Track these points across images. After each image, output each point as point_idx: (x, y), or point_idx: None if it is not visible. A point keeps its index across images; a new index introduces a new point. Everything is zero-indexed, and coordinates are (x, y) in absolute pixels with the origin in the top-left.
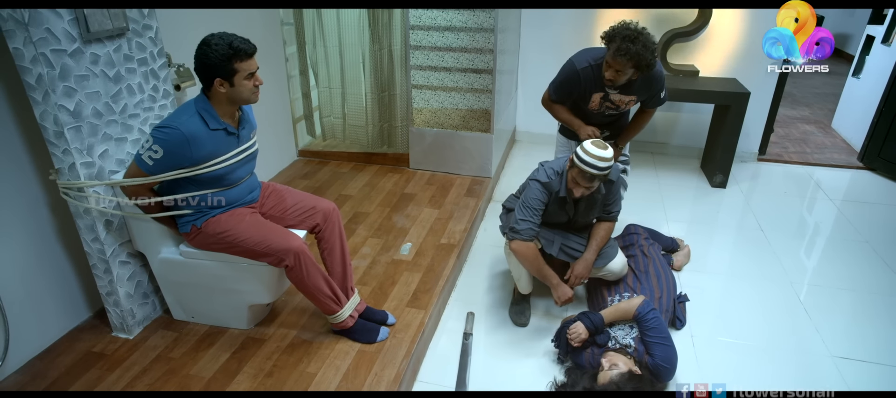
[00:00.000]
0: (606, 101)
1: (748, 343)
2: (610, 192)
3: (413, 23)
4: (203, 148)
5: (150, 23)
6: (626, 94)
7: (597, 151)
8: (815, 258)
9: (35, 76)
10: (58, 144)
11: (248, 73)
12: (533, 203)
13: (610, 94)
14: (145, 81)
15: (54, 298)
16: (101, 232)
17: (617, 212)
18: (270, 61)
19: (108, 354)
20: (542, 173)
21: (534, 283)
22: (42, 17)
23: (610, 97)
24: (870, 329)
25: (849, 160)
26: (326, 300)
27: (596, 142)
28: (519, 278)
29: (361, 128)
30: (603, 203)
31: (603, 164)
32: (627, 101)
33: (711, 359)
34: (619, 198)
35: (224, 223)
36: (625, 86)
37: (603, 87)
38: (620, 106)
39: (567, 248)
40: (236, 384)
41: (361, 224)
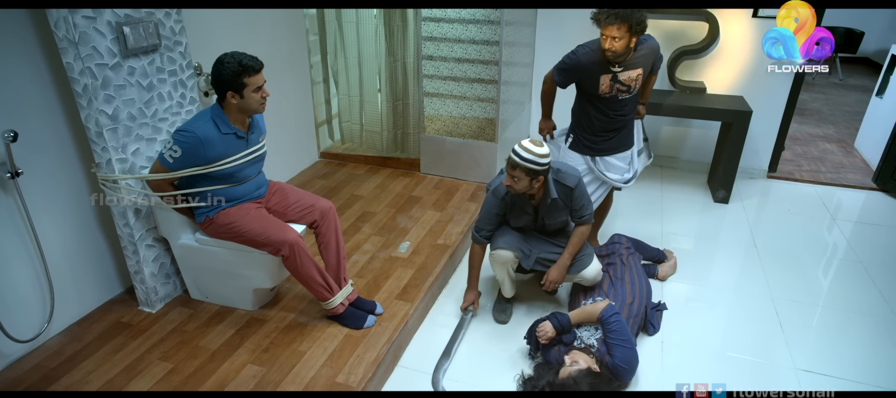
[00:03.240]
0: (616, 83)
1: (715, 351)
2: (573, 197)
3: (425, 34)
4: (215, 149)
5: (181, 39)
6: (633, 69)
7: (526, 144)
8: (802, 275)
9: (82, 85)
10: (98, 142)
11: (256, 86)
12: (485, 212)
13: (617, 74)
14: (174, 90)
15: (93, 274)
16: (131, 218)
17: (589, 215)
18: (296, 69)
19: (133, 324)
20: (494, 182)
21: (517, 287)
22: (89, 36)
23: (618, 77)
24: (842, 346)
25: (863, 181)
26: (319, 288)
27: (533, 139)
28: (502, 283)
29: (377, 133)
30: (571, 208)
31: (525, 153)
32: (635, 77)
33: (675, 364)
34: (588, 202)
35: (232, 215)
36: (627, 62)
37: (608, 67)
38: (630, 85)
39: (542, 260)
40: (236, 356)
41: (368, 222)
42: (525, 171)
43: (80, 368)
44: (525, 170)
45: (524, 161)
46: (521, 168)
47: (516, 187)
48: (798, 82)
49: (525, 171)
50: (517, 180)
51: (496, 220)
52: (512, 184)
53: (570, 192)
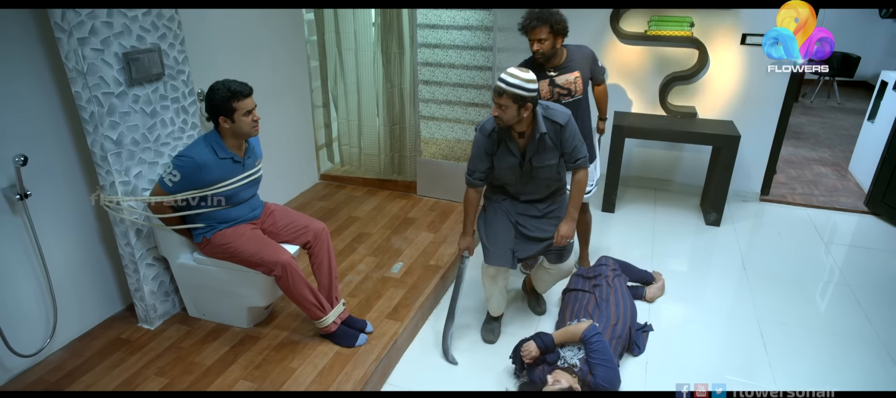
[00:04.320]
0: (555, 86)
1: (698, 372)
2: (563, 137)
3: (421, 60)
4: (212, 173)
5: (184, 68)
6: (569, 72)
7: (512, 70)
8: (789, 298)
9: (89, 112)
10: (103, 166)
11: (246, 110)
12: (475, 151)
13: (554, 78)
14: (176, 116)
15: (95, 291)
16: (132, 238)
17: (584, 158)
18: (297, 94)
19: (132, 340)
20: (483, 122)
21: (504, 307)
22: (97, 67)
23: (556, 81)
24: (825, 368)
25: (856, 204)
26: (311, 307)
27: (519, 66)
28: (489, 298)
29: (375, 156)
30: (563, 151)
31: (511, 79)
32: (573, 80)
33: (658, 385)
34: (581, 143)
35: (228, 236)
36: (561, 66)
37: (544, 73)
38: (570, 88)
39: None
40: (229, 372)
41: (363, 243)
42: (512, 97)
43: (79, 382)
44: (512, 96)
45: (510, 87)
46: (508, 94)
47: (504, 117)
48: (787, 108)
49: (512, 97)
50: (505, 109)
51: (487, 160)
52: (500, 114)
53: (560, 131)
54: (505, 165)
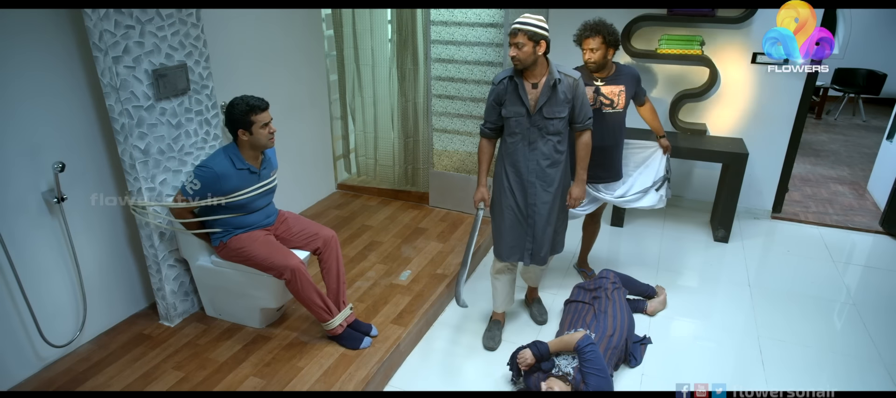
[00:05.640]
0: (599, 95)
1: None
2: (576, 93)
3: (435, 75)
4: (230, 182)
5: (208, 83)
6: (615, 84)
7: (526, 15)
8: (791, 316)
9: (120, 124)
10: (131, 173)
11: (263, 123)
12: (488, 104)
13: (600, 87)
14: (200, 127)
15: (122, 289)
16: (156, 241)
17: (589, 121)
18: (317, 106)
19: (153, 336)
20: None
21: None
22: (129, 83)
23: (601, 90)
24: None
25: (870, 224)
26: (319, 310)
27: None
28: (495, 295)
29: (390, 168)
30: (573, 107)
31: (525, 19)
32: (617, 92)
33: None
34: (589, 106)
35: (242, 241)
36: (609, 77)
37: (591, 80)
38: (613, 99)
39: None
40: (240, 369)
41: (374, 251)
42: (528, 34)
43: (103, 373)
44: (527, 34)
45: (525, 25)
46: (524, 32)
47: (520, 56)
48: (799, 125)
49: (528, 34)
50: (520, 47)
51: (496, 109)
52: (516, 53)
53: (574, 86)
54: (512, 111)
